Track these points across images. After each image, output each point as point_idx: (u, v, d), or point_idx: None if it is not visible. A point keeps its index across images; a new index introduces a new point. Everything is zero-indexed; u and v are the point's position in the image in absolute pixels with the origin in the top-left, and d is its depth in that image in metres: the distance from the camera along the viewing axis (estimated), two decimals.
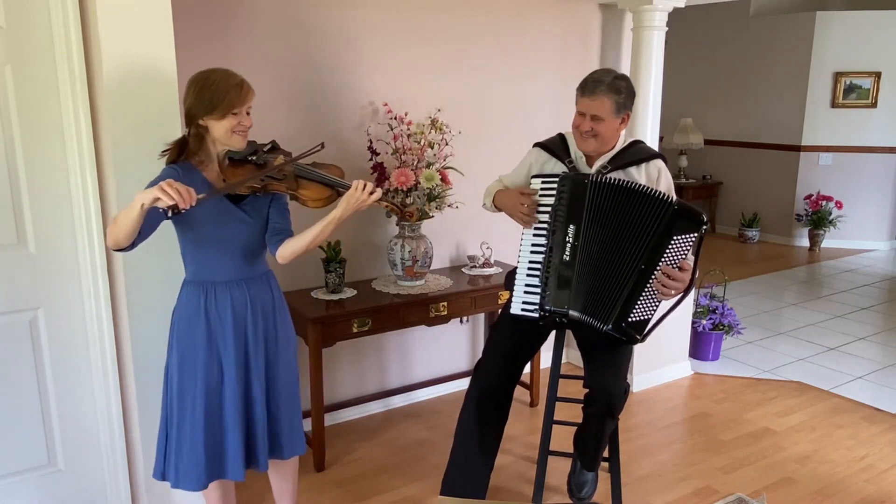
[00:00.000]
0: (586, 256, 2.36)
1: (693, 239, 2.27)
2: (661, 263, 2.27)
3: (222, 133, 2.05)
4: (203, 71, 2.06)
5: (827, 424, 3.53)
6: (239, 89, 2.03)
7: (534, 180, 2.51)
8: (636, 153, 2.54)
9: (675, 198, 2.30)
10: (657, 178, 2.52)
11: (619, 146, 2.54)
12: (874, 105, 7.27)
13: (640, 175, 2.50)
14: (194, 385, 2.11)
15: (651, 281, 2.29)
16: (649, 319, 2.35)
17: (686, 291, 2.34)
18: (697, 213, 2.26)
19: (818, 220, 7.36)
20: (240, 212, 2.11)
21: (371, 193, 2.08)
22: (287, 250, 2.11)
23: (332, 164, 2.28)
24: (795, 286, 6.18)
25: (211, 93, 2.00)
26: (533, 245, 2.48)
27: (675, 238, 2.25)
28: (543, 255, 2.43)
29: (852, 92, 7.29)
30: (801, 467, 3.12)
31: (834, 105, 7.35)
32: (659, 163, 2.54)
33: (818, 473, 3.07)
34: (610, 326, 2.33)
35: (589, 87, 2.40)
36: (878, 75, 7.21)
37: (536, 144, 2.66)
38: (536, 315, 2.45)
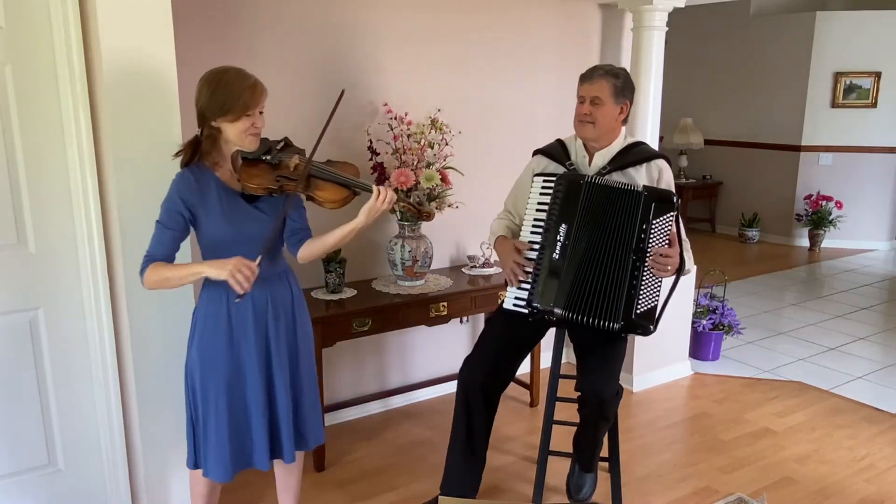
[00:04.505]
0: (573, 255, 2.40)
1: (671, 218, 2.37)
2: (650, 249, 2.34)
3: (235, 134, 2.04)
4: (215, 70, 2.03)
5: (827, 424, 3.53)
6: (252, 91, 2.01)
7: (535, 178, 2.54)
8: (637, 154, 2.56)
9: (642, 185, 2.39)
10: (658, 178, 2.55)
11: (620, 145, 2.55)
12: (874, 105, 7.27)
13: (639, 175, 2.52)
14: (216, 383, 2.13)
15: (645, 267, 2.35)
16: (656, 306, 2.38)
17: (679, 270, 2.41)
18: (667, 192, 2.39)
19: (818, 220, 7.36)
20: (255, 211, 2.12)
21: (387, 200, 2.12)
22: (307, 252, 2.21)
23: (346, 162, 2.28)
24: (795, 286, 6.18)
25: (224, 94, 1.98)
26: (529, 242, 2.50)
27: (654, 222, 2.34)
28: (536, 253, 2.46)
29: (852, 92, 7.29)
30: (801, 467, 3.12)
31: (834, 105, 7.35)
32: (661, 163, 2.57)
33: (818, 473, 3.07)
34: (622, 323, 2.34)
35: (588, 73, 2.53)
36: (878, 75, 7.20)
37: (537, 151, 2.69)
38: (526, 311, 2.46)
